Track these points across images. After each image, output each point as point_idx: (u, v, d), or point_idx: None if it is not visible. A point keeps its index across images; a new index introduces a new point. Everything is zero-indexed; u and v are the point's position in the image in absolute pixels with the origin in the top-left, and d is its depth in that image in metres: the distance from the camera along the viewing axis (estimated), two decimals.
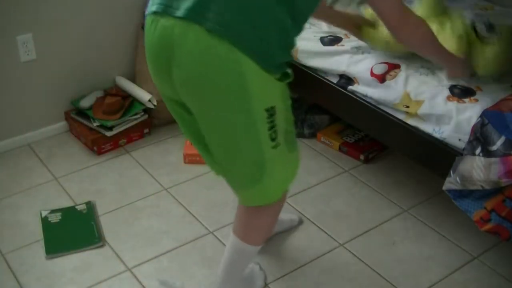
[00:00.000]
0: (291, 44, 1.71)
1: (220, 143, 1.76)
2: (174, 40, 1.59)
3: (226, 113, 1.66)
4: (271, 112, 1.68)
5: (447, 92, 2.19)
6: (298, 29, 1.73)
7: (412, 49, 2.15)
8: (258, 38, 1.58)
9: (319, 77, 2.55)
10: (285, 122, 1.77)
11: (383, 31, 2.24)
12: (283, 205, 1.98)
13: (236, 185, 1.88)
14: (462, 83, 2.23)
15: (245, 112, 1.65)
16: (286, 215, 2.44)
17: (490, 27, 2.23)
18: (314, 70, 2.58)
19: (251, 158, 1.74)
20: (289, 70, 1.71)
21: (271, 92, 1.68)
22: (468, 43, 2.19)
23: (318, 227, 2.44)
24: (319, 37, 2.58)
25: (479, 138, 1.96)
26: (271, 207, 1.90)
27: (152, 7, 1.65)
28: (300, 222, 2.46)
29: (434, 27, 2.26)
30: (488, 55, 2.17)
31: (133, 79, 3.07)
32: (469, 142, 2.01)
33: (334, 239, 2.39)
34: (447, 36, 2.20)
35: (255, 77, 1.61)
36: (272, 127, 1.70)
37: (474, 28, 2.22)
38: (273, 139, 1.72)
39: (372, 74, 2.35)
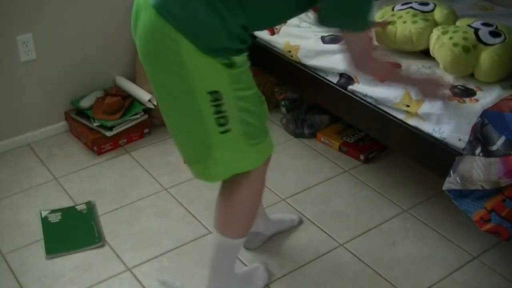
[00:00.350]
0: (235, 32, 1.66)
1: (167, 115, 1.82)
2: (138, 12, 1.70)
3: (170, 90, 1.73)
4: (215, 96, 1.68)
5: (447, 92, 2.18)
6: (246, 20, 1.67)
7: (378, 75, 2.01)
8: (190, 19, 1.60)
9: (319, 77, 2.55)
10: (240, 111, 1.73)
11: (391, 30, 2.36)
12: (260, 194, 1.97)
13: (184, 158, 1.89)
14: (461, 83, 2.23)
15: (186, 91, 1.69)
16: (286, 215, 2.44)
17: (495, 34, 2.23)
18: (314, 70, 2.57)
19: (195, 137, 1.77)
20: (237, 59, 1.69)
21: (214, 76, 1.67)
22: (465, 51, 2.19)
23: (318, 227, 2.44)
24: (319, 36, 2.58)
25: (479, 138, 1.96)
26: (243, 196, 1.90)
27: None
28: (300, 222, 2.46)
29: (436, 34, 2.28)
30: (488, 62, 2.17)
31: (133, 79, 3.07)
32: (469, 142, 2.01)
33: (334, 239, 2.39)
34: (445, 42, 2.22)
35: (192, 58, 1.63)
36: (219, 111, 1.69)
37: (477, 35, 2.23)
38: (221, 125, 1.72)
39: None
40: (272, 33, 2.72)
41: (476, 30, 2.25)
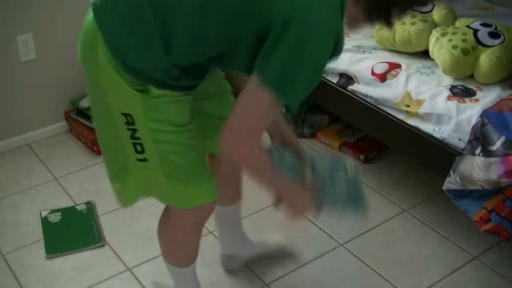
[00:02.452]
0: (160, 63, 1.44)
1: (96, 126, 1.67)
2: None
3: (92, 100, 1.59)
4: (128, 120, 1.50)
5: (447, 92, 2.19)
6: (172, 54, 1.43)
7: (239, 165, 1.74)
8: (115, 26, 1.43)
9: None
10: (157, 144, 1.54)
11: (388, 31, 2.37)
12: (188, 236, 1.83)
13: (107, 172, 1.72)
14: (461, 83, 2.23)
15: (104, 105, 1.53)
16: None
17: (495, 35, 2.23)
18: None
19: (114, 155, 1.62)
20: (154, 90, 1.47)
21: (126, 98, 1.48)
22: (464, 53, 2.19)
23: (318, 227, 2.44)
24: None
25: (479, 138, 1.96)
26: (164, 231, 1.83)
27: None
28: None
29: (435, 35, 2.28)
30: (487, 64, 2.17)
31: None
32: (469, 142, 2.01)
33: (334, 239, 2.39)
34: (444, 44, 2.22)
35: (107, 70, 1.45)
36: (133, 137, 1.52)
37: (476, 36, 2.23)
38: (138, 152, 1.55)
39: (372, 73, 2.35)
40: None
41: (475, 32, 2.25)
